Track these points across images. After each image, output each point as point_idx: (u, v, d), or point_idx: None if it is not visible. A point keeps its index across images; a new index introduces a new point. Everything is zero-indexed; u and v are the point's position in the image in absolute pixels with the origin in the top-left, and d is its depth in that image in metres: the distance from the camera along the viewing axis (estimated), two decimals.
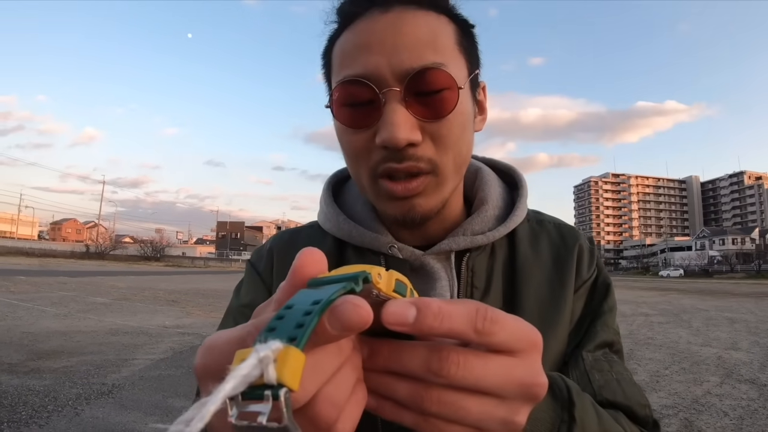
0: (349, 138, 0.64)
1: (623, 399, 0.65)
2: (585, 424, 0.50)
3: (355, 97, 0.61)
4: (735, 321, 13.19)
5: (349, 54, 0.63)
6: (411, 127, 0.59)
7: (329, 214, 0.78)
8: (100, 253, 66.26)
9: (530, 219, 0.80)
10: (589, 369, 0.67)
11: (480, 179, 0.79)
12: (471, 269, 0.72)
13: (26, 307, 11.89)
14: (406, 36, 0.60)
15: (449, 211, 0.73)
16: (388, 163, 0.61)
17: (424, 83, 0.60)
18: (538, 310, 0.71)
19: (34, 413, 4.58)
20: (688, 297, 23.89)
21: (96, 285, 20.95)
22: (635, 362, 7.77)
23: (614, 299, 0.78)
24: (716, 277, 63.71)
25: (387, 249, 0.71)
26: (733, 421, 4.80)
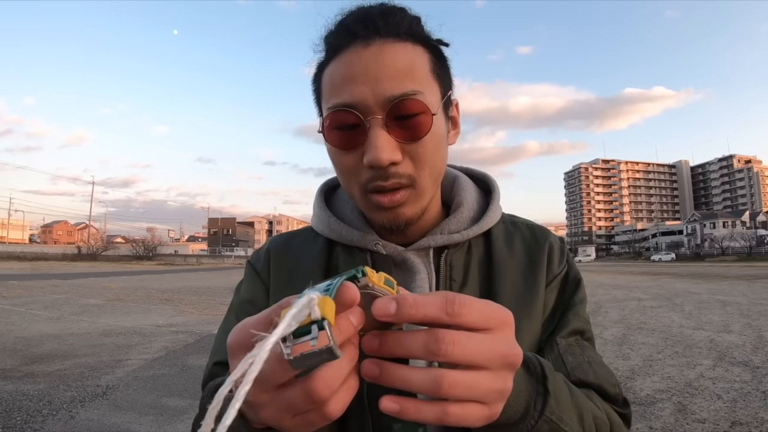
0: (340, 159, 0.73)
1: (594, 379, 0.72)
2: (558, 395, 0.56)
3: (344, 123, 0.69)
4: (727, 304, 13.27)
5: (337, 84, 0.70)
6: (392, 148, 0.68)
7: (321, 217, 0.86)
8: (91, 255, 66.12)
9: (505, 221, 0.89)
10: (562, 352, 0.73)
11: (457, 185, 0.87)
12: (449, 264, 0.79)
13: (19, 312, 11.85)
14: (387, 67, 0.68)
15: (428, 215, 0.81)
16: (376, 181, 0.70)
17: (403, 109, 0.68)
18: (513, 301, 0.76)
19: (29, 418, 4.57)
20: (680, 281, 24.03)
21: (88, 287, 20.87)
22: (628, 347, 7.82)
23: (584, 293, 0.84)
24: (708, 261, 64.11)
25: (372, 246, 0.79)
26: (727, 404, 4.83)
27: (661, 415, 4.58)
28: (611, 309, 12.88)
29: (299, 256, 0.85)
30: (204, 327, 10.13)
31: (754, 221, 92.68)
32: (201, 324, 10.60)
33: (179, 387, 5.78)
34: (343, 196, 0.88)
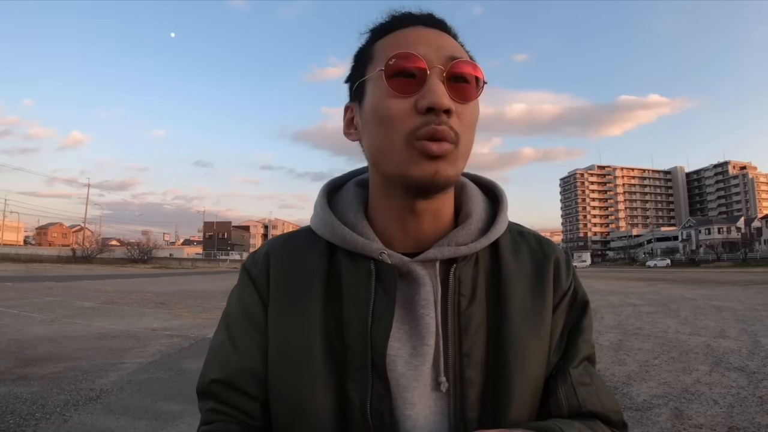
0: (392, 104, 0.71)
1: (602, 409, 0.76)
2: None
3: (406, 69, 0.70)
4: (722, 309, 13.33)
5: (401, 42, 0.73)
6: (449, 99, 0.70)
7: (325, 219, 0.81)
8: (86, 257, 66.01)
9: (512, 231, 0.86)
10: (575, 384, 0.76)
11: (465, 194, 0.85)
12: (458, 279, 0.76)
13: (13, 314, 11.82)
14: (447, 41, 0.74)
15: (442, 219, 0.79)
16: (430, 125, 0.69)
17: (461, 70, 0.72)
18: (522, 315, 0.76)
19: (22, 421, 4.53)
20: (675, 287, 24.15)
21: (83, 289, 20.85)
22: (624, 353, 7.83)
23: (591, 317, 0.84)
24: (703, 266, 64.37)
25: (378, 255, 0.75)
26: (724, 409, 4.83)
27: (658, 420, 4.58)
28: (607, 315, 12.91)
29: (300, 261, 0.82)
30: (199, 331, 10.10)
31: (749, 227, 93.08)
32: (196, 328, 10.58)
33: (174, 391, 5.74)
34: (348, 197, 0.85)
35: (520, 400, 0.72)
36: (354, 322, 0.73)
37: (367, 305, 0.72)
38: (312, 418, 0.71)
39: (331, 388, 0.71)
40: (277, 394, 0.75)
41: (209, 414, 0.77)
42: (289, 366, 0.74)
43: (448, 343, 0.73)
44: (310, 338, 0.73)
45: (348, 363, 0.72)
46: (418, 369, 0.72)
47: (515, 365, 0.72)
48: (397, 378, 0.72)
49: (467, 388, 0.72)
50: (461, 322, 0.74)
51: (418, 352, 0.73)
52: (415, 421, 0.71)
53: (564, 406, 0.74)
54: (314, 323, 0.74)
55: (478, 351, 0.73)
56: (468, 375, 0.72)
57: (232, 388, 0.76)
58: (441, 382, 0.71)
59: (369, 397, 0.70)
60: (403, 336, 0.74)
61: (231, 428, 0.74)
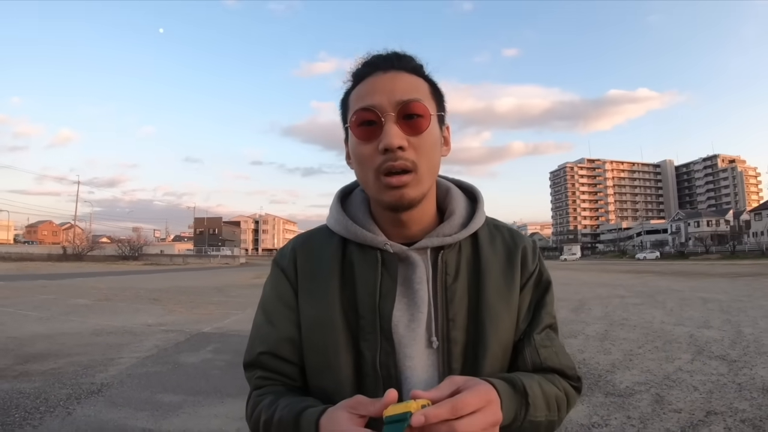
0: (361, 149, 0.91)
1: (559, 365, 0.98)
2: (535, 402, 0.84)
3: (365, 119, 0.90)
4: (708, 301, 13.57)
5: (362, 95, 0.92)
6: (401, 137, 0.87)
7: (339, 219, 1.02)
8: (77, 255, 65.55)
9: (489, 224, 1.07)
10: (538, 346, 0.97)
11: (450, 196, 1.06)
12: (445, 262, 0.97)
13: (8, 312, 11.90)
14: (398, 84, 0.91)
15: (425, 216, 0.99)
16: (387, 163, 0.88)
17: (409, 109, 0.89)
18: (495, 290, 0.97)
19: (27, 415, 4.67)
20: (663, 279, 24.47)
21: (76, 287, 20.89)
22: (610, 342, 8.05)
23: (553, 293, 1.07)
24: (692, 259, 64.58)
25: (383, 246, 0.96)
26: (703, 395, 5.01)
27: (639, 405, 4.76)
28: (595, 306, 13.14)
29: (319, 253, 1.01)
30: (193, 326, 10.22)
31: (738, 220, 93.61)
32: (190, 323, 10.70)
33: (173, 383, 5.88)
34: (356, 200, 1.05)
35: (493, 356, 0.92)
36: (365, 297, 0.93)
37: (375, 285, 0.93)
38: (337, 373, 0.91)
39: (349, 349, 0.92)
40: (310, 356, 0.96)
41: (258, 381, 0.98)
42: (318, 334, 0.94)
43: (438, 311, 0.93)
44: (332, 312, 0.94)
45: (361, 329, 0.92)
46: (414, 331, 0.93)
47: (490, 329, 0.93)
48: (399, 338, 0.92)
49: (453, 345, 0.92)
50: (447, 294, 0.94)
51: (414, 318, 0.93)
52: (413, 370, 0.91)
53: (528, 363, 0.95)
54: (335, 301, 0.94)
55: (461, 317, 0.94)
56: (453, 335, 0.93)
57: (275, 356, 0.97)
58: (432, 341, 0.92)
59: (378, 353, 0.90)
60: (403, 306, 0.94)
61: (278, 389, 0.96)
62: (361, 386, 0.90)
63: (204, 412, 4.88)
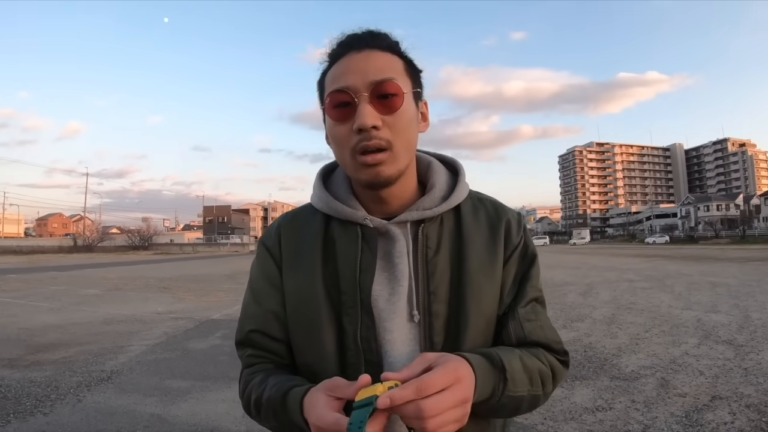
0: (337, 130, 0.92)
1: (544, 339, 0.98)
2: (514, 377, 0.84)
3: (340, 101, 0.90)
4: (717, 285, 13.45)
5: (335, 77, 0.92)
6: (374, 117, 0.87)
7: (321, 196, 1.03)
8: (88, 246, 66.00)
9: (472, 197, 1.07)
10: (522, 320, 0.97)
11: (431, 170, 1.06)
12: (426, 235, 0.97)
13: (20, 304, 12.00)
14: (372, 64, 0.91)
15: (405, 191, 1.00)
16: (362, 142, 0.88)
17: (382, 89, 0.89)
18: (479, 264, 0.97)
19: (38, 403, 4.74)
20: (672, 263, 24.30)
21: (87, 277, 21.07)
22: (616, 326, 8.03)
23: (539, 266, 1.06)
24: (701, 243, 64.28)
25: (362, 220, 0.97)
26: (708, 380, 5.00)
27: (644, 389, 4.76)
28: (603, 290, 13.13)
29: (303, 231, 1.03)
30: (203, 313, 10.35)
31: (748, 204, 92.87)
32: (200, 310, 10.80)
33: (181, 370, 5.96)
34: (338, 178, 1.06)
35: (476, 329, 0.92)
36: (346, 272, 0.94)
37: (355, 260, 0.94)
38: (320, 348, 0.93)
39: (332, 324, 0.93)
40: (295, 333, 0.97)
41: (249, 359, 1.00)
42: (302, 311, 0.96)
43: (419, 284, 0.94)
44: (315, 288, 0.95)
45: (343, 304, 0.93)
46: (395, 304, 0.93)
47: (471, 302, 0.93)
48: (379, 312, 0.93)
49: (434, 318, 0.93)
50: (428, 268, 0.94)
51: (395, 292, 0.94)
52: (393, 344, 0.92)
53: (513, 336, 0.95)
54: (317, 277, 0.96)
55: (443, 290, 0.94)
56: (434, 308, 0.93)
57: (264, 335, 0.99)
58: (414, 314, 0.92)
59: (359, 327, 0.91)
60: (384, 280, 0.95)
61: (267, 367, 0.98)
62: (344, 361, 0.92)
63: (211, 396, 4.95)
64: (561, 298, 11.74)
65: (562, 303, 10.96)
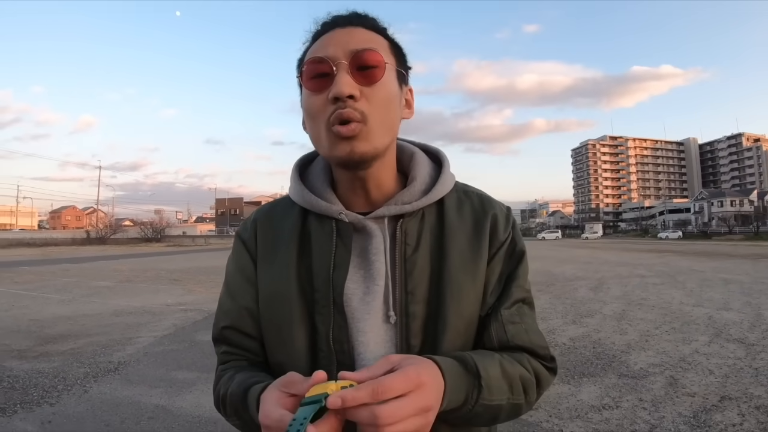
0: (312, 100, 0.87)
1: (529, 344, 0.91)
2: (490, 384, 0.79)
3: (317, 71, 0.85)
4: (729, 282, 13.33)
5: (316, 49, 0.88)
6: (352, 86, 0.82)
7: (296, 189, 0.99)
8: (100, 238, 66.41)
9: (458, 190, 1.01)
10: (505, 322, 0.91)
11: (413, 161, 1.00)
12: (404, 231, 0.92)
13: (31, 296, 12.09)
14: (354, 36, 0.86)
15: (385, 180, 0.95)
16: (337, 111, 0.82)
17: (363, 59, 0.84)
18: (460, 262, 0.91)
19: (45, 393, 4.78)
20: (685, 259, 24.10)
21: (98, 269, 21.21)
22: (626, 322, 7.98)
23: (527, 265, 0.99)
24: (714, 239, 63.72)
25: (337, 215, 0.91)
26: (718, 379, 4.93)
27: (652, 388, 4.72)
28: (614, 285, 13.05)
29: (280, 224, 0.99)
30: (212, 305, 10.20)
31: (762, 200, 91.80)
32: (209, 302, 10.82)
33: (188, 361, 6.00)
34: (316, 169, 1.01)
35: (455, 331, 0.87)
36: (320, 269, 0.89)
37: (329, 256, 0.89)
38: (291, 348, 0.89)
39: (304, 323, 0.89)
40: (266, 330, 0.93)
41: (223, 356, 0.97)
42: (274, 307, 0.92)
43: (396, 283, 0.89)
44: (288, 285, 0.91)
45: (316, 302, 0.89)
46: (369, 304, 0.88)
47: (451, 302, 0.88)
48: (353, 312, 0.88)
49: (411, 320, 0.87)
50: (407, 266, 0.89)
51: (370, 291, 0.89)
52: (366, 346, 0.87)
53: (494, 340, 0.89)
54: (291, 274, 0.91)
55: (422, 290, 0.89)
56: (412, 309, 0.88)
57: (237, 331, 0.95)
58: (390, 315, 0.88)
59: (331, 328, 0.87)
60: (359, 279, 0.90)
61: (240, 365, 0.94)
62: (316, 362, 0.87)
63: None
64: (571, 293, 11.70)
65: (572, 298, 10.92)
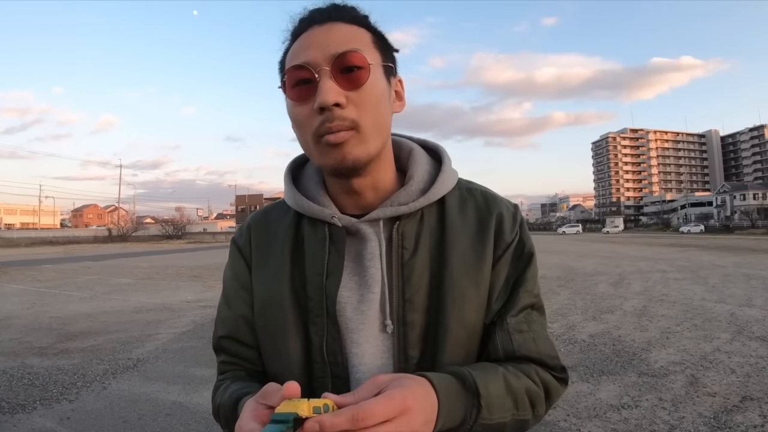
0: (297, 111, 0.82)
1: (537, 354, 0.85)
2: (490, 403, 0.73)
3: (299, 78, 0.80)
4: (752, 278, 13.08)
5: (295, 53, 0.83)
6: (337, 93, 0.77)
7: (289, 192, 0.95)
8: (122, 236, 67.05)
9: (461, 187, 0.95)
10: (511, 331, 0.85)
11: (411, 158, 0.95)
12: (401, 234, 0.87)
13: (53, 294, 12.24)
14: (334, 36, 0.81)
15: (382, 182, 0.90)
16: (324, 124, 0.78)
17: (346, 62, 0.79)
18: (462, 267, 0.86)
19: (65, 390, 4.85)
20: (707, 253, 23.72)
21: (120, 267, 21.43)
22: (647, 319, 7.88)
23: (536, 268, 0.92)
24: (737, 233, 62.79)
25: (330, 219, 0.87)
26: (740, 378, 4.84)
27: (673, 387, 4.64)
28: (634, 281, 12.90)
29: (274, 229, 0.95)
30: None
31: None
32: None
33: (206, 358, 6.01)
34: (309, 172, 0.97)
35: (457, 341, 0.82)
36: (313, 277, 0.85)
37: (322, 262, 0.85)
38: (286, 358, 0.85)
39: (299, 333, 0.85)
40: (261, 339, 0.90)
41: (222, 366, 0.94)
42: (268, 316, 0.88)
43: (393, 291, 0.84)
44: (282, 293, 0.87)
45: (310, 311, 0.85)
46: (364, 313, 0.84)
47: (452, 310, 0.82)
48: (347, 322, 0.84)
49: (409, 329, 0.83)
50: (404, 272, 0.84)
51: (365, 299, 0.84)
52: (361, 357, 0.83)
53: (500, 350, 0.84)
54: (284, 280, 0.88)
55: (420, 297, 0.84)
56: (410, 318, 0.83)
57: (234, 340, 0.92)
58: (387, 324, 0.83)
59: (325, 338, 0.83)
60: (354, 286, 0.86)
61: (239, 374, 0.91)
62: (311, 373, 0.84)
63: None
64: (592, 289, 11.60)
65: (593, 293, 10.83)
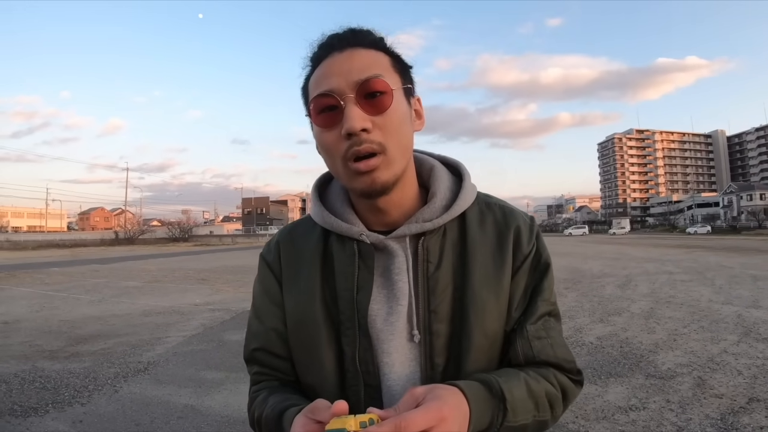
0: (324, 137, 0.87)
1: (555, 359, 0.92)
2: (515, 407, 0.79)
3: (325, 105, 0.85)
4: (759, 279, 13.01)
5: (318, 81, 0.87)
6: (363, 119, 0.82)
7: (316, 210, 0.99)
8: (129, 239, 67.22)
9: (480, 202, 1.00)
10: (531, 338, 0.91)
11: (433, 175, 0.99)
12: (426, 249, 0.92)
13: (62, 297, 12.32)
14: (355, 63, 0.85)
15: (406, 199, 0.95)
16: (353, 148, 0.83)
17: (369, 88, 0.84)
18: (483, 278, 0.91)
19: (77, 393, 4.90)
20: (713, 254, 23.60)
21: (127, 270, 21.53)
22: (654, 321, 7.87)
23: (552, 277, 0.99)
24: (744, 234, 62.41)
25: (358, 236, 0.92)
26: (747, 380, 4.84)
27: (680, 389, 4.65)
28: (641, 282, 12.87)
29: (303, 245, 1.00)
30: (240, 304, 10.48)
31: None
32: (237, 301, 10.97)
33: (216, 361, 6.07)
34: (335, 189, 1.02)
35: (479, 349, 0.88)
36: (344, 292, 0.91)
37: (352, 278, 0.90)
38: (320, 369, 0.91)
39: (332, 345, 0.91)
40: (296, 352, 0.96)
41: (255, 377, 1.00)
42: (301, 330, 0.94)
43: (419, 302, 0.89)
44: (314, 307, 0.92)
45: (341, 324, 0.90)
46: (393, 324, 0.89)
47: (475, 320, 0.88)
48: (377, 333, 0.89)
49: (435, 338, 0.88)
50: (429, 284, 0.90)
51: (393, 311, 0.90)
52: (391, 366, 0.89)
53: (520, 356, 0.89)
54: (315, 296, 0.93)
55: (445, 308, 0.89)
56: (435, 328, 0.89)
57: (267, 352, 0.98)
58: (414, 334, 0.88)
59: (357, 349, 0.89)
60: (382, 299, 0.91)
61: (272, 385, 0.97)
62: (344, 382, 0.90)
63: (245, 388, 4.93)
64: (599, 291, 11.58)
65: (599, 296, 10.81)
